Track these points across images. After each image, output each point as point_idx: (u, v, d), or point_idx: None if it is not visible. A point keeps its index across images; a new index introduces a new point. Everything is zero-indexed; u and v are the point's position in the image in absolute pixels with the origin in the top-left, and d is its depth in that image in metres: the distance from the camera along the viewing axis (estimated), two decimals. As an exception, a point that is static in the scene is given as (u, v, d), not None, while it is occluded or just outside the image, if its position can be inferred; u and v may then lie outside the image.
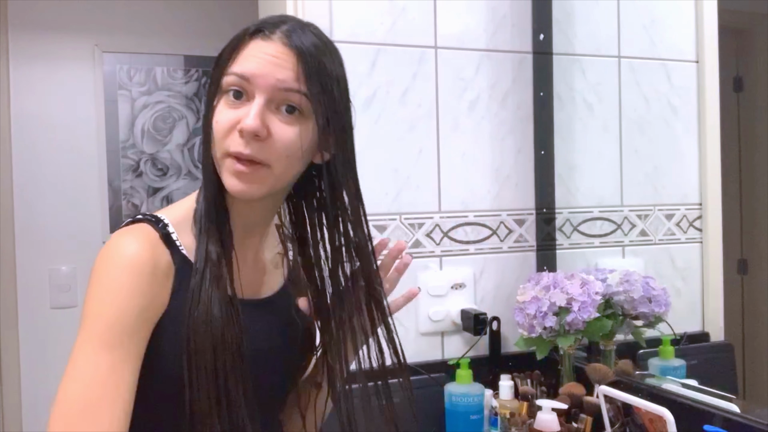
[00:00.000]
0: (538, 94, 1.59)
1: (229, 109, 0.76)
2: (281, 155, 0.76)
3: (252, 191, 0.76)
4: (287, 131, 0.76)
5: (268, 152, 0.75)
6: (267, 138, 0.75)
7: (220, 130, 0.76)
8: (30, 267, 2.21)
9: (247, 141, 0.74)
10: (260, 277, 0.88)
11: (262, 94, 0.74)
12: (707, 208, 1.41)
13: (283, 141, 0.75)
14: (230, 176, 0.76)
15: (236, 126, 0.74)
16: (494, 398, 1.39)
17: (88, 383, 0.71)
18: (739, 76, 1.33)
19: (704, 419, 1.06)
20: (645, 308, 1.33)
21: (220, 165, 0.77)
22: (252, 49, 0.76)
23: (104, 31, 2.30)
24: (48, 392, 2.33)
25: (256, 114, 0.73)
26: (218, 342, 0.75)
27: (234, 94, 0.76)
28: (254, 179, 0.76)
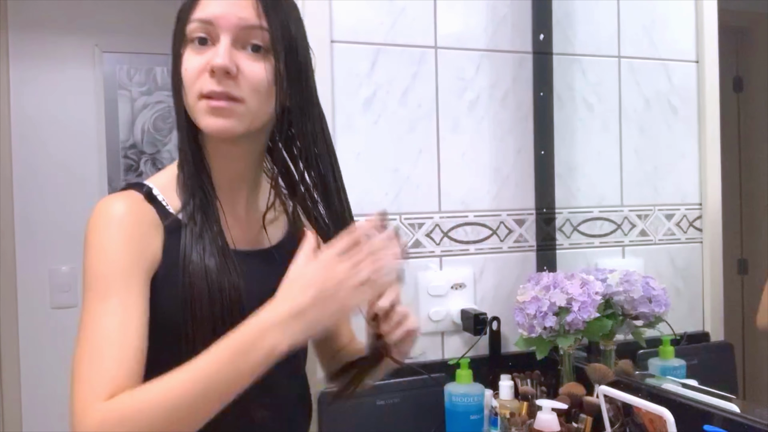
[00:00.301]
0: (538, 94, 1.59)
1: (196, 55, 0.79)
2: (253, 90, 0.79)
3: (230, 126, 0.79)
4: (255, 67, 0.79)
5: (240, 88, 0.78)
6: (237, 75, 0.78)
7: (191, 77, 0.79)
8: (30, 267, 2.21)
9: (218, 79, 0.77)
10: (257, 230, 0.89)
11: (227, 34, 0.78)
12: (707, 208, 1.41)
13: (252, 77, 0.79)
14: (207, 116, 0.78)
15: (206, 68, 0.77)
16: (494, 398, 1.39)
17: (95, 334, 0.72)
18: (739, 76, 1.33)
19: (704, 419, 1.06)
20: (645, 308, 1.33)
21: (194, 111, 0.80)
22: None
23: (104, 31, 2.30)
24: (48, 392, 2.35)
25: (225, 51, 0.77)
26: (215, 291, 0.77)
27: (199, 41, 0.79)
28: (231, 114, 0.78)
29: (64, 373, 2.49)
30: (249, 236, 0.89)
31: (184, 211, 0.81)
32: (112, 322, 0.72)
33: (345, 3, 1.44)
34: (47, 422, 2.17)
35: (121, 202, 0.79)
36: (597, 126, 1.61)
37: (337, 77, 1.43)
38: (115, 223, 0.77)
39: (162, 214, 0.81)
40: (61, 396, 2.38)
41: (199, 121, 0.80)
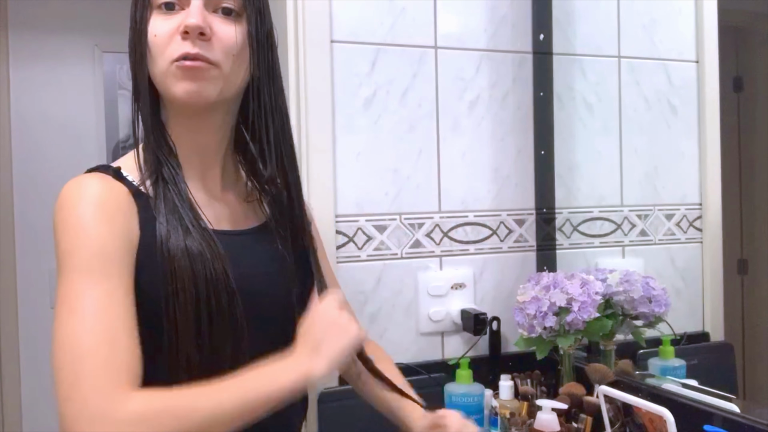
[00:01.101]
0: (538, 94, 1.59)
1: (165, 20, 0.77)
2: (226, 54, 0.77)
3: (204, 90, 0.76)
4: (228, 30, 0.77)
5: (213, 51, 0.76)
6: (211, 37, 0.75)
7: (161, 42, 0.76)
8: (30, 267, 2.21)
9: (192, 40, 0.75)
10: (234, 210, 0.87)
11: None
12: (707, 208, 1.41)
13: (226, 39, 0.77)
14: (180, 81, 0.75)
15: (177, 32, 0.75)
16: (494, 398, 1.39)
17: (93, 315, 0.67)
18: (739, 76, 1.33)
19: (704, 419, 1.06)
20: (645, 308, 1.33)
21: (165, 77, 0.76)
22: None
23: (104, 31, 2.30)
24: (48, 392, 2.34)
25: (198, 11, 0.75)
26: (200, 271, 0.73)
27: (166, 6, 0.77)
28: (204, 77, 0.76)
29: (64, 373, 2.43)
30: (227, 216, 0.85)
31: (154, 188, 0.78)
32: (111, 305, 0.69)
33: (345, 3, 1.44)
34: (47, 422, 2.17)
35: (93, 182, 0.76)
36: (597, 126, 1.61)
37: (337, 77, 1.43)
38: (92, 202, 0.74)
39: (132, 189, 0.78)
40: (61, 396, 2.35)
41: (170, 87, 0.77)
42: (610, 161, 1.57)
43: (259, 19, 0.80)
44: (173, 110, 0.82)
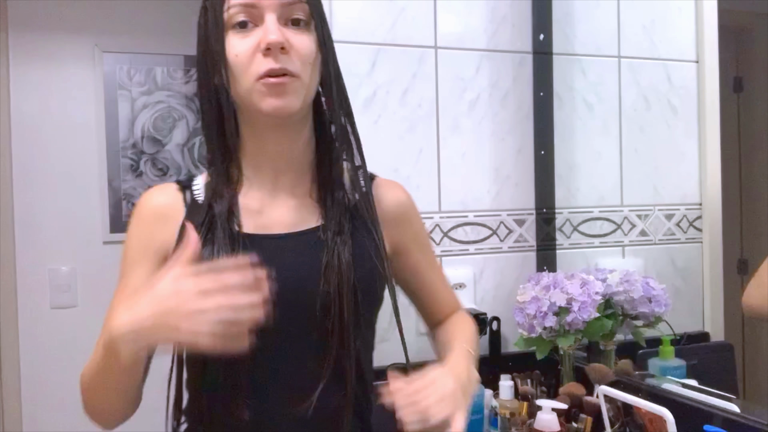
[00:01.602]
0: (538, 94, 1.59)
1: (242, 39, 0.80)
2: (305, 63, 0.81)
3: (290, 104, 0.80)
4: (303, 40, 0.81)
5: (294, 63, 0.79)
6: (290, 50, 0.79)
7: (243, 61, 0.79)
8: (30, 267, 2.20)
9: (275, 56, 0.78)
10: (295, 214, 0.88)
11: (271, 12, 0.79)
12: (707, 208, 1.41)
13: (302, 49, 0.80)
14: (266, 96, 0.79)
15: (257, 50, 0.78)
16: (494, 398, 1.39)
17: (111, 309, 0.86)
18: (739, 76, 1.33)
19: (704, 419, 1.06)
20: (645, 308, 1.33)
21: (251, 94, 0.80)
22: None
23: (104, 31, 2.30)
24: (48, 392, 2.35)
25: (276, 28, 0.78)
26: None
27: (240, 24, 0.79)
28: (289, 91, 0.79)
29: (64, 373, 2.49)
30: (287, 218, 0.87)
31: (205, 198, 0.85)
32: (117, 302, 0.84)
33: (345, 3, 1.44)
34: (47, 422, 2.17)
35: (145, 195, 0.89)
36: (597, 126, 1.61)
37: (337, 77, 1.43)
38: (135, 214, 0.88)
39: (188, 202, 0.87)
40: (61, 396, 2.38)
41: (256, 103, 0.80)
42: (610, 161, 1.57)
43: (322, 24, 0.84)
44: (253, 123, 0.85)
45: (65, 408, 2.19)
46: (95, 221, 2.28)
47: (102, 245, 2.28)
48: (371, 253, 0.86)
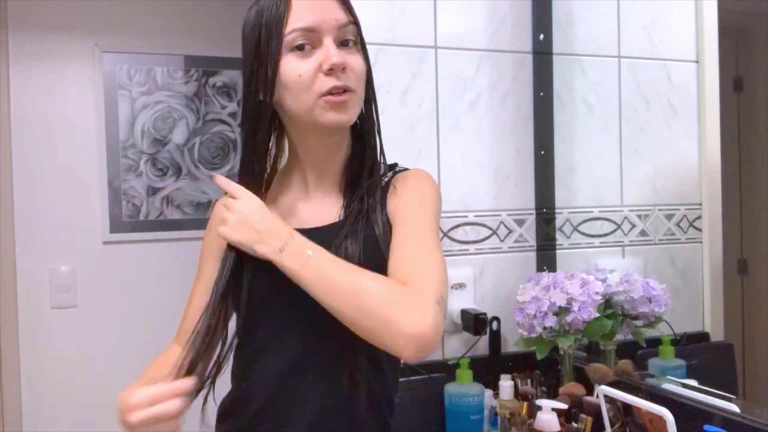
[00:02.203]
0: (538, 94, 1.59)
1: (302, 60, 0.87)
2: (359, 80, 0.90)
3: (350, 116, 0.90)
4: (356, 59, 0.90)
5: (351, 80, 0.88)
6: (347, 69, 0.87)
7: (305, 81, 0.87)
8: (30, 267, 2.20)
9: (337, 75, 0.86)
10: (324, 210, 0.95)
11: (329, 36, 0.87)
12: (707, 208, 1.40)
13: (357, 68, 0.89)
14: (328, 112, 0.87)
15: (319, 69, 0.86)
16: (494, 398, 1.39)
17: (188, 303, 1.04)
18: (739, 76, 1.33)
19: (704, 419, 1.06)
20: (645, 308, 1.33)
21: (313, 110, 0.88)
22: (300, 5, 0.87)
23: (104, 31, 2.29)
24: (48, 392, 2.35)
25: (337, 51, 0.86)
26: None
27: (298, 47, 0.87)
28: (349, 105, 0.89)
29: (64, 373, 2.49)
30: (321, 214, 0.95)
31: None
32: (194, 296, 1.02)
33: (345, 3, 1.44)
34: (47, 422, 2.17)
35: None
36: (597, 126, 1.61)
37: (337, 77, 1.43)
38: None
39: None
40: (61, 396, 2.38)
41: (318, 118, 0.88)
42: (610, 161, 1.57)
43: (363, 44, 0.93)
44: (306, 134, 0.94)
45: (65, 408, 2.20)
46: (95, 221, 2.28)
47: (102, 245, 2.28)
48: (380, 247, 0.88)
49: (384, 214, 0.92)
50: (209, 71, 2.42)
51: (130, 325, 2.27)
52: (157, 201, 2.36)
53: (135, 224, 2.32)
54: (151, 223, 2.34)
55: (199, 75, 2.42)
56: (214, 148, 2.45)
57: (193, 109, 2.42)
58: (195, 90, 2.42)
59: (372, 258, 0.86)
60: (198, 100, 2.42)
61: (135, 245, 2.31)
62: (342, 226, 0.90)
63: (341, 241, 0.88)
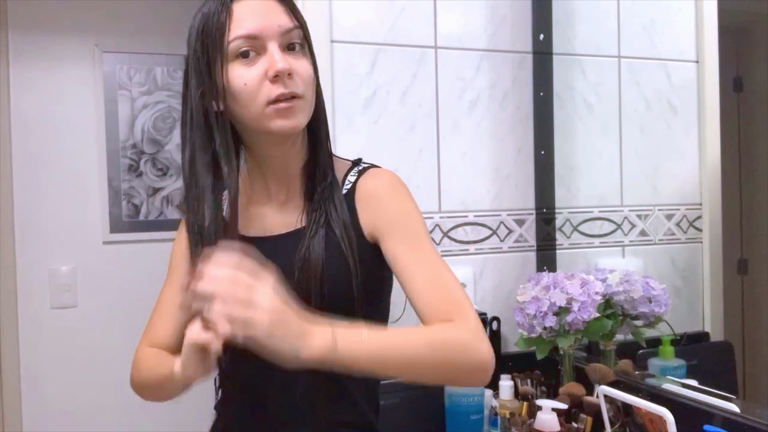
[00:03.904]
0: (538, 94, 1.59)
1: (248, 68, 0.84)
2: (307, 84, 0.87)
3: (298, 122, 0.87)
4: (302, 63, 0.87)
5: (298, 86, 0.85)
6: (294, 74, 0.85)
7: (251, 90, 0.84)
8: (30, 267, 2.20)
9: (283, 81, 0.84)
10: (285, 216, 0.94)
11: (273, 42, 0.84)
12: (707, 208, 1.40)
13: (303, 72, 0.87)
14: (277, 119, 0.85)
15: (264, 78, 0.84)
16: (494, 398, 1.39)
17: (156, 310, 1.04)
18: (739, 76, 1.33)
19: (704, 419, 1.06)
20: (645, 308, 1.33)
21: (261, 117, 0.85)
22: (241, 11, 0.84)
23: (104, 31, 2.29)
24: (48, 392, 2.35)
25: (281, 57, 0.84)
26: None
27: (242, 54, 0.84)
28: (297, 111, 0.86)
29: (64, 373, 2.49)
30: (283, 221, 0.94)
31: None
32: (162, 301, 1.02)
33: (345, 3, 1.44)
34: (47, 422, 2.17)
35: None
36: (597, 126, 1.61)
37: (337, 77, 1.43)
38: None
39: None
40: (61, 396, 2.38)
41: (267, 125, 0.85)
42: (610, 161, 1.57)
43: (311, 47, 0.91)
44: (256, 141, 0.92)
45: (65, 408, 2.19)
46: (95, 221, 2.28)
47: (102, 245, 2.28)
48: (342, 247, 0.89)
49: (346, 216, 0.91)
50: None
51: (130, 325, 2.25)
52: (157, 201, 2.36)
53: (135, 224, 2.32)
54: (151, 223, 2.34)
55: (199, 75, 2.42)
56: (214, 148, 2.44)
57: (193, 109, 2.41)
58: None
59: (334, 261, 0.88)
60: (198, 100, 2.42)
61: (135, 245, 2.31)
62: (304, 230, 0.90)
63: (303, 246, 0.88)
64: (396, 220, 0.91)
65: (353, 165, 0.99)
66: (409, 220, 0.91)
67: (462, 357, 0.80)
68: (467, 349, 0.80)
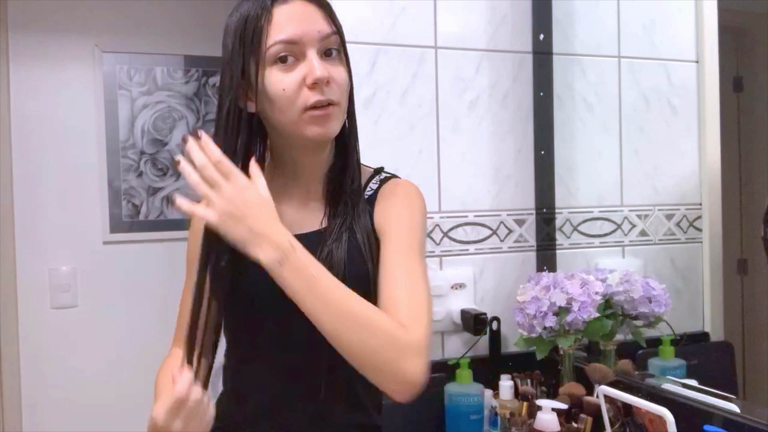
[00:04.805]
0: (538, 94, 1.59)
1: (286, 73, 0.85)
2: (343, 92, 0.88)
3: (332, 130, 0.88)
4: (339, 71, 0.88)
5: (334, 93, 0.86)
6: (331, 81, 0.85)
7: (289, 95, 0.85)
8: (30, 267, 2.20)
9: (320, 89, 0.84)
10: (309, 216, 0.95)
11: (313, 48, 0.85)
12: (707, 208, 1.41)
13: (340, 79, 0.87)
14: (312, 126, 0.86)
15: (302, 83, 0.84)
16: (494, 398, 1.39)
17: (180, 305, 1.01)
18: (739, 76, 1.33)
19: (704, 419, 1.06)
20: (645, 308, 1.33)
21: (298, 123, 0.86)
22: (281, 16, 0.84)
23: (104, 31, 2.29)
24: (48, 392, 2.35)
25: (320, 64, 0.84)
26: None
27: (280, 59, 0.84)
28: (332, 119, 0.87)
29: (64, 373, 2.49)
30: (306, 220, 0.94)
31: None
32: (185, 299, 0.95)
33: (345, 3, 1.44)
34: (47, 422, 2.17)
35: None
36: (597, 126, 1.61)
37: (337, 77, 1.43)
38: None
39: None
40: (61, 396, 2.38)
41: (303, 131, 0.86)
42: (610, 161, 1.57)
43: (346, 53, 0.91)
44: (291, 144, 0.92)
45: (65, 408, 2.19)
46: (95, 221, 2.28)
47: (102, 245, 2.28)
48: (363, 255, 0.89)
49: (368, 222, 0.92)
50: (209, 71, 2.42)
51: (130, 325, 2.26)
52: (157, 201, 2.36)
53: (135, 224, 2.32)
54: (151, 223, 2.34)
55: (199, 75, 2.42)
56: (214, 148, 2.44)
57: (193, 109, 2.42)
58: (195, 90, 2.42)
59: (356, 266, 0.88)
60: (198, 100, 2.42)
61: (135, 245, 2.31)
62: (327, 232, 0.90)
63: (327, 248, 0.88)
64: (395, 223, 0.92)
65: (375, 173, 1.01)
66: (409, 226, 0.91)
67: (385, 354, 0.77)
68: (396, 351, 0.77)
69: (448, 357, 1.49)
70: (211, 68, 2.41)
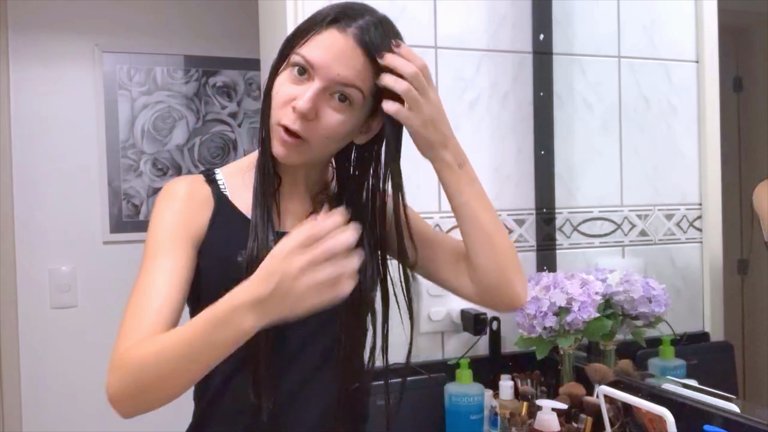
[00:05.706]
0: (538, 94, 1.59)
1: (291, 83, 0.85)
2: (322, 136, 0.85)
3: (290, 159, 0.87)
4: (333, 117, 0.84)
5: (311, 131, 0.84)
6: (313, 119, 0.83)
7: (278, 102, 0.85)
8: (30, 267, 2.20)
9: (296, 118, 0.83)
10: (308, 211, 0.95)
11: (320, 82, 0.82)
12: (707, 208, 1.41)
13: (327, 125, 0.84)
14: (277, 143, 0.86)
15: (291, 102, 0.83)
16: (494, 398, 1.39)
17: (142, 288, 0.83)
18: (739, 76, 1.33)
19: (704, 419, 1.06)
20: (645, 308, 1.33)
21: (271, 131, 0.86)
22: (325, 38, 0.83)
23: (104, 31, 2.30)
24: (48, 392, 2.34)
25: (309, 98, 0.82)
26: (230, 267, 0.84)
27: (298, 70, 0.84)
28: (294, 150, 0.85)
29: (64, 373, 2.48)
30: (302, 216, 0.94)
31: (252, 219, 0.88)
32: (157, 278, 0.82)
33: (345, 3, 1.44)
34: (47, 422, 2.17)
35: (181, 181, 0.91)
36: (597, 126, 1.61)
37: (337, 77, 1.43)
38: (167, 197, 0.89)
39: (215, 192, 0.91)
40: (61, 396, 2.37)
41: (271, 140, 0.87)
42: (610, 161, 1.57)
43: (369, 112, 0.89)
44: None
45: (65, 408, 2.19)
46: (95, 221, 2.28)
47: (102, 245, 2.28)
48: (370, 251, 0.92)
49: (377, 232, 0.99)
50: (209, 71, 2.42)
51: (130, 325, 2.27)
52: (157, 201, 2.36)
53: (135, 224, 2.32)
54: (151, 223, 2.35)
55: (199, 75, 2.42)
56: (214, 148, 2.45)
57: (192, 109, 2.42)
58: (195, 90, 2.42)
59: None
60: (198, 100, 2.42)
61: (135, 245, 2.31)
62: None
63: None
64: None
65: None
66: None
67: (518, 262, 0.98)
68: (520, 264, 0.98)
69: (448, 357, 1.49)
70: (211, 68, 2.41)
